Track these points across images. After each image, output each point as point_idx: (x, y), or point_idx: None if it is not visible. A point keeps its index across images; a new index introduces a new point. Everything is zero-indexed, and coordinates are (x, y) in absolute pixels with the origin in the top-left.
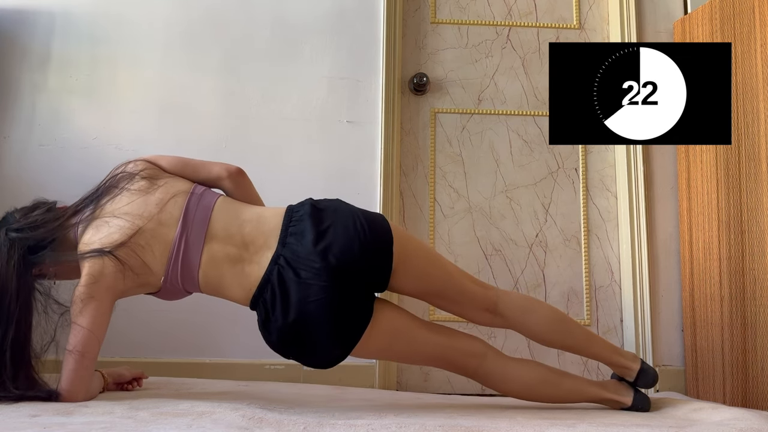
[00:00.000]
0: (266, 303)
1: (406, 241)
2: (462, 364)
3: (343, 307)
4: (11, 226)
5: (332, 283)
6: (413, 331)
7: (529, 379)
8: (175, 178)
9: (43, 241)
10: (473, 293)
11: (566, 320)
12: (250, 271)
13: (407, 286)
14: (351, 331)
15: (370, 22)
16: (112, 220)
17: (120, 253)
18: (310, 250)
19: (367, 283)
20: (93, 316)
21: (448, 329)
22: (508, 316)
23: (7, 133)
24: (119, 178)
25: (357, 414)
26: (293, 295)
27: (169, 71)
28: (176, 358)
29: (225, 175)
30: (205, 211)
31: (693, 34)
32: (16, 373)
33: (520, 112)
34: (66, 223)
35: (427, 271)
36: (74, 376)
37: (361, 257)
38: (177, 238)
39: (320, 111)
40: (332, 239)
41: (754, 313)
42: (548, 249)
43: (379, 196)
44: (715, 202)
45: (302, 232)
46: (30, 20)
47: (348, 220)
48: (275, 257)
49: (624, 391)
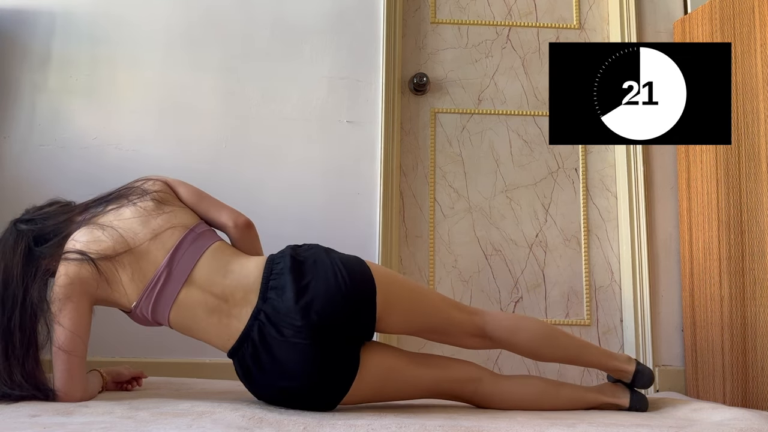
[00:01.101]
0: (246, 359)
1: (389, 285)
2: (458, 392)
3: (327, 364)
4: (22, 218)
5: (315, 340)
6: (403, 371)
7: (527, 395)
8: (184, 209)
9: (48, 234)
10: (461, 321)
11: (555, 334)
12: (228, 323)
13: (395, 328)
14: (337, 386)
15: (370, 21)
16: (108, 228)
17: (101, 264)
18: (291, 308)
19: (352, 335)
20: (72, 318)
21: (440, 359)
22: (498, 337)
23: (7, 133)
24: (133, 190)
25: (357, 414)
26: (276, 352)
27: (169, 71)
28: (176, 358)
29: (231, 225)
30: (196, 253)
31: (693, 34)
32: (25, 357)
33: (520, 112)
34: (73, 218)
35: (413, 311)
36: (67, 375)
37: (343, 311)
38: (159, 270)
39: (320, 111)
40: (314, 295)
41: (754, 313)
42: (548, 249)
43: (379, 196)
44: (715, 202)
45: (282, 287)
46: (30, 20)
47: (328, 272)
48: (255, 312)
49: (621, 393)
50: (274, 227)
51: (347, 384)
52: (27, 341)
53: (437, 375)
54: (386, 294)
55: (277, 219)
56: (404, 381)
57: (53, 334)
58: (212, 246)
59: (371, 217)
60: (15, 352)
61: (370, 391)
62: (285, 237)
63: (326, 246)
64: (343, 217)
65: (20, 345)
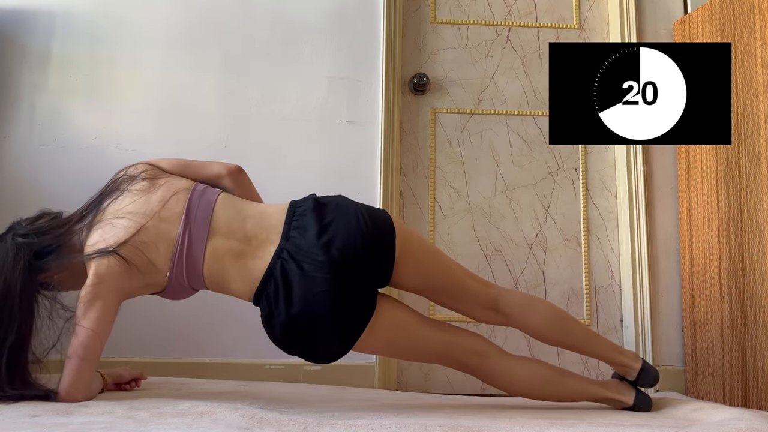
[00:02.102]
0: (269, 297)
1: (409, 236)
2: (464, 361)
3: (347, 300)
4: (18, 232)
5: (335, 276)
6: (415, 327)
7: (531, 378)
8: (176, 177)
9: (49, 247)
10: (475, 290)
11: (568, 318)
12: (253, 265)
13: (409, 282)
14: (354, 324)
15: (370, 21)
16: (116, 220)
17: (124, 252)
18: (313, 244)
19: (370, 277)
20: (98, 317)
21: (450, 326)
22: (509, 313)
23: (7, 133)
24: (120, 180)
25: (357, 414)
26: (296, 288)
27: (169, 71)
28: (176, 358)
29: (225, 173)
30: (208, 206)
31: (693, 34)
32: (11, 377)
33: (520, 112)
34: (71, 229)
35: (429, 267)
36: (75, 377)
37: (363, 251)
38: (180, 233)
39: (320, 111)
40: (335, 233)
41: (754, 313)
42: (548, 249)
43: (379, 196)
44: (715, 202)
45: (305, 226)
46: (30, 20)
47: (350, 214)
48: (278, 251)
49: (625, 391)
50: None
51: (362, 324)
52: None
53: (447, 339)
54: (405, 243)
55: None
56: (415, 337)
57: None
58: (220, 197)
59: None
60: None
61: (381, 341)
62: None
63: None
64: None
65: (6, 368)
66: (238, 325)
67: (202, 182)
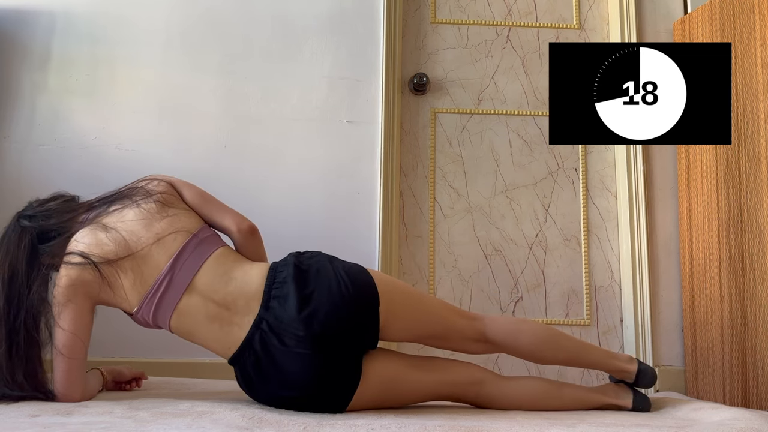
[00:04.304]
0: (246, 367)
1: (392, 294)
2: (461, 394)
3: (330, 374)
4: (25, 213)
5: (317, 351)
6: (406, 377)
7: (530, 396)
8: (188, 212)
9: (51, 231)
10: (462, 327)
11: (556, 337)
12: (229, 330)
13: (397, 336)
14: (339, 395)
15: (370, 21)
16: (111, 231)
17: (104, 269)
18: (293, 318)
19: (355, 345)
20: (72, 319)
21: (442, 361)
22: (497, 342)
23: (7, 133)
24: (137, 190)
25: (357, 414)
26: (279, 363)
27: (169, 71)
28: (176, 358)
29: (234, 230)
30: (198, 260)
31: (693, 34)
32: (27, 357)
33: (520, 112)
34: (77, 218)
35: (415, 319)
36: (67, 377)
37: (347, 320)
38: (161, 276)
39: (320, 111)
40: (317, 306)
41: (754, 313)
42: (548, 249)
43: (379, 196)
44: (715, 202)
45: (285, 296)
46: (30, 20)
47: (332, 281)
48: (257, 321)
49: (623, 394)
50: (274, 227)
51: (350, 394)
52: (31, 341)
53: (439, 378)
54: (389, 303)
55: (277, 219)
56: (407, 387)
57: (54, 335)
58: (215, 252)
59: (371, 217)
60: (19, 352)
61: (372, 398)
62: (285, 237)
63: (328, 252)
64: (343, 217)
65: (25, 344)
66: None
67: (211, 225)
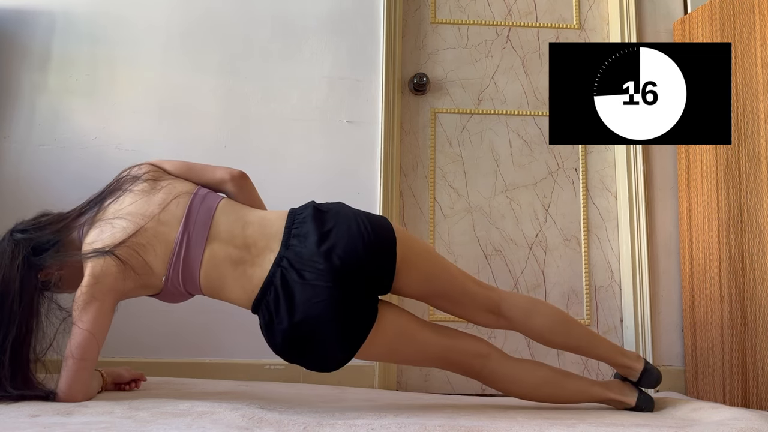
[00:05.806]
0: (269, 306)
1: (410, 242)
2: (466, 364)
3: (348, 307)
4: (17, 228)
5: (336, 284)
6: (417, 333)
7: (533, 380)
8: (179, 180)
9: (47, 243)
10: (476, 294)
11: (570, 321)
12: (252, 273)
13: (410, 288)
14: (356, 332)
15: (370, 21)
16: (116, 220)
17: (121, 253)
18: (313, 252)
19: (371, 285)
20: (94, 318)
21: (451, 330)
22: (511, 317)
23: (7, 133)
24: (123, 180)
25: (357, 414)
26: (298, 296)
27: (169, 71)
28: (176, 358)
29: (228, 179)
30: (208, 212)
31: (693, 34)
32: (13, 374)
33: (520, 112)
34: (71, 224)
35: (430, 273)
36: (73, 377)
37: (365, 258)
38: (179, 237)
39: (320, 111)
40: (336, 240)
41: (754, 313)
42: (548, 249)
43: (379, 196)
44: (715, 202)
45: (305, 234)
46: (30, 20)
47: (351, 221)
48: (278, 259)
49: (627, 392)
50: None
51: (365, 332)
52: (17, 359)
53: (448, 343)
54: (406, 249)
55: None
56: (416, 344)
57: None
58: (221, 202)
59: None
60: (3, 371)
61: (383, 348)
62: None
63: None
64: None
65: (9, 364)
66: (238, 326)
67: (204, 186)
